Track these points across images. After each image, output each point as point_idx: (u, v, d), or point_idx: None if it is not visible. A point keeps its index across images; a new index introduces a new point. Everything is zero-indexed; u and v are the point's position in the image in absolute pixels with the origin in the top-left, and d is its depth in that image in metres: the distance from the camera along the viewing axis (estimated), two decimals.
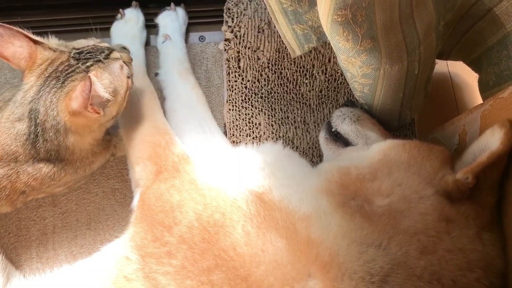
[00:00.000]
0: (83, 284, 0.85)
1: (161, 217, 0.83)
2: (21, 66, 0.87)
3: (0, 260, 0.94)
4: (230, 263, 0.74)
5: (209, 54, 1.29)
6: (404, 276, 0.72)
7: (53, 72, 0.87)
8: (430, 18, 0.91)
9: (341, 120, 1.06)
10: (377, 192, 0.81)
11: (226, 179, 0.89)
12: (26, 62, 0.87)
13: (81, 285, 0.85)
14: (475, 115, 0.89)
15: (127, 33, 1.21)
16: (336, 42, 0.87)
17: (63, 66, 0.88)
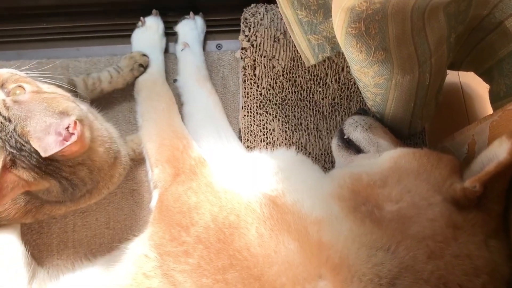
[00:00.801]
0: (104, 281, 0.88)
1: (178, 218, 0.87)
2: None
3: (25, 256, 0.98)
4: (244, 263, 0.78)
5: (226, 61, 1.33)
6: (412, 279, 0.74)
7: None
8: (442, 30, 0.94)
9: (353, 127, 1.09)
10: (387, 198, 0.83)
11: (241, 183, 0.92)
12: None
13: (101, 281, 0.89)
14: (484, 125, 0.91)
15: (148, 40, 1.26)
16: (349, 53, 0.90)
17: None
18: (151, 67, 1.21)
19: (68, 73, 1.29)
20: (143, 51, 1.22)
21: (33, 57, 1.32)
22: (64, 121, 0.80)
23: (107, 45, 1.34)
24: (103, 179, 0.95)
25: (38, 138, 0.78)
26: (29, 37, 1.34)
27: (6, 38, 1.34)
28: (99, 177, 0.93)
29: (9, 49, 1.34)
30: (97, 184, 0.95)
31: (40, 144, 0.78)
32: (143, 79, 1.18)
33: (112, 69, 1.19)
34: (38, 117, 0.80)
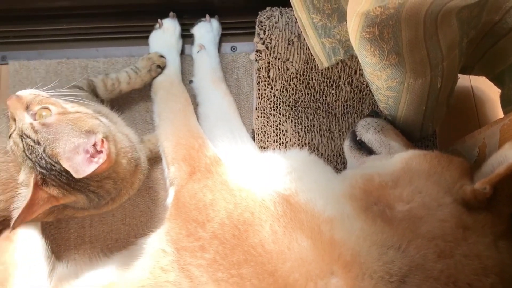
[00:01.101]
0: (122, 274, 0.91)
1: (195, 214, 0.90)
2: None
3: (45, 249, 1.02)
4: (258, 259, 0.80)
5: (240, 63, 1.36)
6: (422, 277, 0.76)
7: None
8: (454, 35, 0.96)
9: (365, 129, 1.11)
10: (399, 198, 0.85)
11: (255, 181, 0.94)
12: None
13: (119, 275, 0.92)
14: (495, 129, 0.93)
15: (165, 41, 1.29)
16: (363, 56, 0.92)
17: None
18: (168, 68, 1.24)
19: (87, 73, 1.33)
20: (161, 52, 1.25)
21: (53, 57, 1.36)
22: (91, 140, 0.84)
23: (124, 46, 1.38)
24: (125, 187, 0.99)
25: (68, 158, 0.82)
26: (50, 37, 1.38)
27: (27, 38, 1.38)
28: (122, 186, 0.97)
29: (30, 49, 1.38)
30: (119, 192, 0.99)
31: (70, 164, 0.81)
32: (160, 80, 1.22)
33: (130, 70, 1.22)
34: (66, 138, 0.83)
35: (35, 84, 1.30)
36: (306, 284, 0.76)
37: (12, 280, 0.93)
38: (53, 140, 0.83)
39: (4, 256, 0.95)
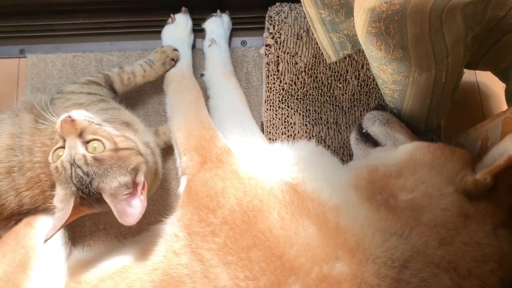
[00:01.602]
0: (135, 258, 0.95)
1: (206, 201, 0.94)
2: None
3: (63, 235, 1.06)
4: (266, 243, 0.84)
5: (250, 57, 1.39)
6: (423, 263, 0.79)
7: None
8: (459, 30, 0.98)
9: (371, 122, 1.14)
10: (402, 188, 0.88)
11: (264, 171, 0.98)
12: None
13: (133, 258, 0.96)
14: (497, 121, 0.95)
15: (177, 36, 1.32)
16: (369, 51, 0.95)
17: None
18: (180, 61, 1.28)
19: (102, 66, 1.37)
20: (174, 46, 1.29)
21: (70, 50, 1.40)
22: (137, 179, 0.91)
23: (138, 40, 1.42)
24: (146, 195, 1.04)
25: (111, 194, 0.88)
26: (66, 31, 1.43)
27: (44, 33, 1.42)
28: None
29: (47, 43, 1.43)
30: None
31: (112, 200, 0.87)
32: (173, 73, 1.25)
33: (144, 63, 1.25)
34: (113, 175, 0.88)
35: (52, 76, 1.36)
36: (312, 268, 0.80)
37: (32, 262, 0.98)
38: (101, 175, 0.87)
39: (25, 240, 1.00)
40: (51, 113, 0.96)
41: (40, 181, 1.01)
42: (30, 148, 1.01)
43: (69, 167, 0.87)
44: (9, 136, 1.02)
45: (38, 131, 1.02)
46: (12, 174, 1.00)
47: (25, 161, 1.00)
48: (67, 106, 1.06)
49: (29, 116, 1.06)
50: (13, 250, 0.99)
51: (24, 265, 0.97)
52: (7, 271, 0.96)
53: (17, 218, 1.04)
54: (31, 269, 0.97)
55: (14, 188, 1.01)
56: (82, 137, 0.90)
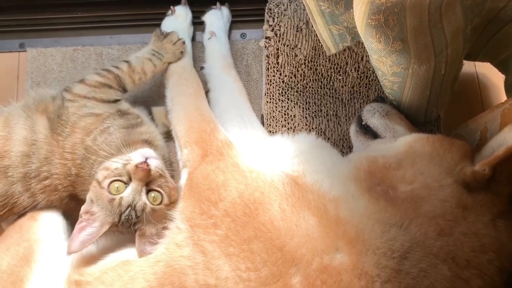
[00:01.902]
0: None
1: (207, 194, 0.94)
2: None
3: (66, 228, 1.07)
4: (267, 235, 0.85)
5: (250, 50, 1.39)
6: (422, 253, 0.80)
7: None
8: (458, 22, 0.98)
9: (371, 114, 1.14)
10: (401, 179, 0.89)
11: (265, 164, 0.99)
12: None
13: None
14: (496, 113, 0.96)
15: (177, 28, 1.31)
16: (369, 43, 0.95)
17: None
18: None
19: (102, 60, 1.37)
20: (180, 36, 1.26)
21: (69, 44, 1.41)
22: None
23: (138, 33, 1.42)
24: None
25: (144, 235, 0.94)
26: (66, 25, 1.43)
27: (44, 26, 1.43)
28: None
29: (46, 36, 1.43)
30: None
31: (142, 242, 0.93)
32: (173, 66, 1.25)
33: (154, 58, 1.19)
34: (155, 225, 0.94)
35: (52, 70, 1.36)
36: (313, 259, 0.81)
37: (35, 256, 0.99)
38: (147, 223, 0.94)
39: (28, 233, 1.01)
40: (66, 119, 1.02)
41: (56, 190, 1.03)
42: (48, 158, 1.01)
43: (125, 207, 0.92)
44: (23, 142, 1.01)
45: (55, 141, 1.02)
46: (29, 179, 1.01)
47: (43, 170, 1.01)
48: (82, 115, 1.05)
49: (42, 118, 1.05)
50: (16, 243, 1.00)
51: (27, 258, 0.98)
52: (11, 264, 0.97)
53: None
54: (34, 262, 0.98)
55: (29, 191, 1.02)
56: (148, 185, 0.95)
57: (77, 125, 1.03)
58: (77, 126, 1.03)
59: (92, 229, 0.92)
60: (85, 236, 0.91)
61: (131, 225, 0.94)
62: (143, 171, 0.93)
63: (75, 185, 1.03)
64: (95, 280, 0.93)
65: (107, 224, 0.92)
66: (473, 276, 0.80)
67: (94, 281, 0.93)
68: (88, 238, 0.91)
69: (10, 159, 1.00)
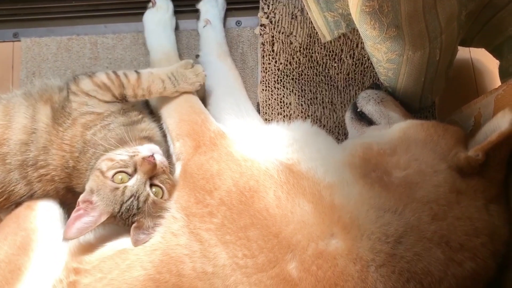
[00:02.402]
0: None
1: (202, 183, 0.95)
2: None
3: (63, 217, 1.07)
4: (263, 222, 0.86)
5: (245, 38, 1.39)
6: (416, 238, 0.81)
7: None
8: (452, 8, 0.98)
9: (366, 101, 1.14)
10: (396, 165, 0.90)
11: (260, 152, 0.99)
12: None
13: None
14: (490, 99, 0.96)
15: (159, 20, 1.31)
16: (364, 30, 0.95)
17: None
18: (164, 46, 1.27)
19: (97, 49, 1.37)
20: (156, 40, 1.27)
21: (64, 33, 1.40)
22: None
23: (132, 22, 1.41)
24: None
25: (141, 228, 0.95)
26: (59, 14, 1.42)
27: (37, 16, 1.42)
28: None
29: (40, 26, 1.42)
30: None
31: (137, 233, 0.94)
32: (158, 59, 1.24)
33: (167, 80, 1.09)
34: (153, 218, 0.96)
35: (47, 60, 1.36)
36: (308, 245, 0.82)
37: (33, 244, 1.00)
38: (147, 214, 0.95)
39: (26, 223, 1.01)
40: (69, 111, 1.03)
41: (53, 181, 1.03)
42: (46, 147, 1.01)
43: (128, 196, 0.93)
44: (23, 130, 1.02)
45: (55, 131, 1.02)
46: (26, 167, 1.02)
47: (40, 159, 1.01)
48: (83, 112, 1.04)
49: (45, 107, 1.04)
50: (14, 233, 1.01)
51: (25, 247, 0.99)
52: (9, 253, 0.98)
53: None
54: (32, 251, 0.98)
55: (26, 179, 1.02)
56: (152, 179, 0.96)
57: (78, 121, 1.03)
58: (78, 121, 1.03)
59: (90, 218, 0.93)
60: (82, 224, 0.92)
61: (130, 216, 0.94)
62: (150, 164, 0.94)
63: (71, 178, 1.03)
64: (93, 269, 0.94)
65: (106, 214, 0.93)
66: (466, 259, 0.82)
67: (92, 269, 0.94)
68: (85, 227, 0.92)
69: (9, 146, 1.01)
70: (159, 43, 1.28)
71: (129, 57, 1.37)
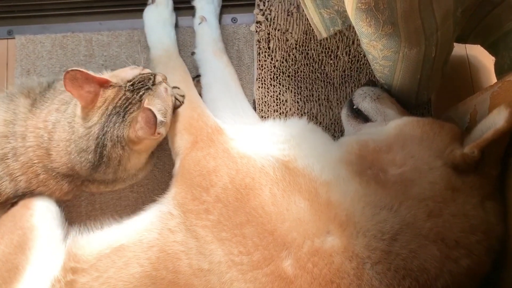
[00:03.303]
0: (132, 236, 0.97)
1: (199, 180, 0.95)
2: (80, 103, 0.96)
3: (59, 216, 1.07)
4: (259, 219, 0.86)
5: (241, 35, 1.38)
6: (412, 235, 0.82)
7: (113, 109, 0.96)
8: (448, 5, 0.98)
9: (362, 98, 1.14)
10: (392, 162, 0.90)
11: (256, 149, 0.99)
12: (86, 103, 0.95)
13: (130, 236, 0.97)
14: (485, 96, 0.96)
15: (159, 16, 1.30)
16: (359, 27, 0.95)
17: (121, 100, 0.96)
18: (164, 43, 1.26)
19: (92, 46, 1.36)
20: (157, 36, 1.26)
21: (58, 30, 1.39)
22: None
23: (127, 19, 1.40)
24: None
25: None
26: (54, 11, 1.41)
27: (31, 13, 1.40)
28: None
29: (34, 23, 1.41)
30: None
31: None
32: (158, 55, 1.24)
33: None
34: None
35: (42, 57, 1.35)
36: (304, 242, 0.82)
37: (30, 243, 0.99)
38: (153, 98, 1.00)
39: (22, 221, 1.01)
40: (50, 96, 1.02)
41: (32, 164, 1.02)
42: (23, 134, 1.01)
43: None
44: (2, 123, 1.02)
45: (32, 115, 1.02)
46: (6, 160, 1.02)
47: (18, 147, 1.01)
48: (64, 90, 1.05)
49: (25, 100, 1.06)
50: (10, 232, 1.00)
51: (22, 246, 0.98)
52: (5, 252, 0.98)
53: (13, 201, 1.06)
54: (29, 250, 0.98)
55: (8, 173, 1.02)
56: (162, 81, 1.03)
57: (57, 98, 1.04)
58: (57, 98, 1.04)
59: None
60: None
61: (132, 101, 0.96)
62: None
63: (49, 152, 1.02)
64: (90, 267, 0.94)
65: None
66: (462, 256, 0.82)
67: (89, 268, 0.94)
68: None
69: None
70: (159, 39, 1.27)
71: (124, 54, 1.36)
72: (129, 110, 0.96)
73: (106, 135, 0.96)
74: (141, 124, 0.94)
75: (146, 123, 0.93)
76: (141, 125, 0.94)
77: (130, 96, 0.96)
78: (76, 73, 0.91)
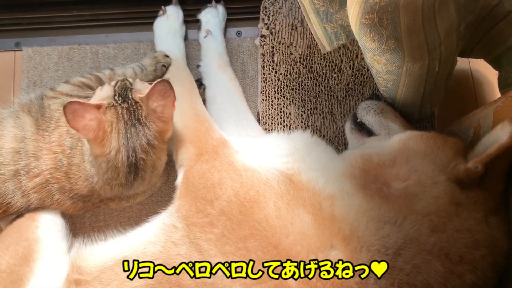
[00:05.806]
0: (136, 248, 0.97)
1: (203, 193, 0.95)
2: (89, 136, 0.94)
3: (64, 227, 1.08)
4: (263, 233, 0.86)
5: (245, 48, 1.39)
6: (416, 250, 0.81)
7: (125, 124, 0.95)
8: (452, 20, 0.99)
9: (366, 111, 1.15)
10: (395, 176, 0.90)
11: (260, 162, 0.99)
12: (94, 132, 0.94)
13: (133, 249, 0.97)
14: (489, 110, 0.97)
15: (169, 28, 1.32)
16: (363, 42, 0.96)
17: (125, 113, 0.96)
18: (173, 53, 1.27)
19: (98, 58, 1.37)
20: (166, 50, 1.28)
21: (65, 43, 1.40)
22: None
23: (134, 31, 1.42)
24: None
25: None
26: (61, 24, 1.42)
27: (39, 25, 1.42)
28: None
29: (42, 35, 1.42)
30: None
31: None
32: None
33: (136, 67, 1.23)
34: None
35: (49, 69, 1.37)
36: (308, 256, 0.82)
37: (35, 255, 1.00)
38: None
39: (27, 233, 1.02)
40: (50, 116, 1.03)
41: (48, 185, 1.03)
42: (35, 154, 1.02)
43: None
44: (13, 138, 1.03)
45: (41, 137, 1.03)
46: (19, 177, 1.02)
47: (32, 167, 1.01)
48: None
49: (29, 118, 1.06)
50: (15, 243, 1.01)
51: (26, 257, 0.99)
52: (10, 264, 0.98)
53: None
54: (33, 261, 0.98)
55: (21, 189, 1.02)
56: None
57: (61, 119, 1.04)
58: (61, 120, 1.04)
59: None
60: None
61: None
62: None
63: (68, 176, 1.03)
64: (93, 280, 0.94)
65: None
66: (466, 271, 0.82)
67: (93, 280, 0.94)
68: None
69: (2, 155, 1.01)
70: (168, 50, 1.28)
71: None
72: (139, 114, 0.96)
73: (137, 149, 0.96)
74: (160, 101, 0.96)
75: (164, 95, 0.95)
76: (162, 102, 0.96)
77: (127, 104, 0.96)
78: (74, 104, 0.91)
